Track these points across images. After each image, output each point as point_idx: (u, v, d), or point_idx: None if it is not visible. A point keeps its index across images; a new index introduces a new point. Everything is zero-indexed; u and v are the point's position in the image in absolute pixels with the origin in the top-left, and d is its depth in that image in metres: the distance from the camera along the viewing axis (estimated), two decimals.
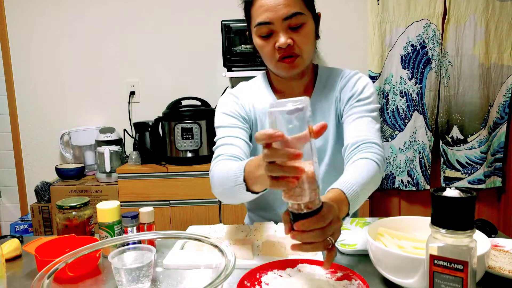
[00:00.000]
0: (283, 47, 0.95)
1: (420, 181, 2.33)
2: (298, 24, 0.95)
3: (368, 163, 0.88)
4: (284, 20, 0.94)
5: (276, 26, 0.94)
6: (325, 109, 1.08)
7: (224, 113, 1.09)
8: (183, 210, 2.04)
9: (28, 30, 2.37)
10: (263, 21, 0.95)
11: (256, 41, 1.00)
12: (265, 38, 0.98)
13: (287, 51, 0.96)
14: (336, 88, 1.08)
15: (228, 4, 2.30)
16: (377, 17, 2.25)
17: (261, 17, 0.95)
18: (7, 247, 0.92)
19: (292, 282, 0.72)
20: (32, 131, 2.44)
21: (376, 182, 0.89)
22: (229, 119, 1.07)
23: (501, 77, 2.27)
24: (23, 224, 2.26)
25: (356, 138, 0.95)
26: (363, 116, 1.00)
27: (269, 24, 0.95)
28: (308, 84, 1.10)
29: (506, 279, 0.73)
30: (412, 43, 2.25)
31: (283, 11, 0.93)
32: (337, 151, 1.06)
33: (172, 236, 0.87)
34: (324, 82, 1.10)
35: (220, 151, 1.01)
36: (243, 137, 1.04)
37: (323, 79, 1.10)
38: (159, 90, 2.40)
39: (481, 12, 2.19)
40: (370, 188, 0.85)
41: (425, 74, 2.26)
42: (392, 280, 0.70)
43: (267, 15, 0.94)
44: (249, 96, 1.12)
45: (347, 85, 1.07)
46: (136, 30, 2.37)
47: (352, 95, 1.04)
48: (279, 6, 0.93)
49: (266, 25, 0.95)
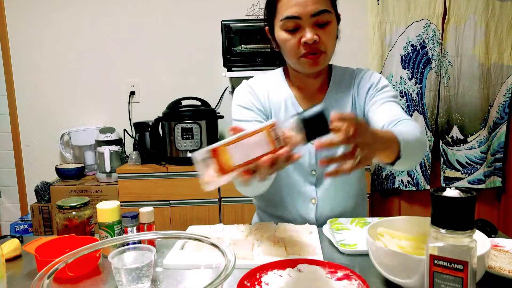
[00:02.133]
0: (309, 42, 0.96)
1: (420, 181, 2.33)
2: (324, 21, 0.97)
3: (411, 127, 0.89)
4: (312, 16, 0.95)
5: (304, 21, 0.96)
6: (340, 105, 1.10)
7: (240, 105, 1.10)
8: (183, 210, 2.04)
9: (28, 30, 2.37)
10: (291, 15, 0.96)
11: (280, 34, 1.01)
12: (290, 32, 0.99)
13: (312, 47, 0.98)
14: (352, 85, 1.11)
15: (228, 4, 2.31)
16: (377, 17, 2.25)
17: (290, 11, 0.96)
18: (7, 247, 0.92)
19: (292, 282, 0.72)
20: (32, 131, 2.44)
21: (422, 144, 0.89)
22: (246, 112, 1.08)
23: (501, 77, 2.27)
24: (23, 224, 2.26)
25: (390, 118, 0.97)
26: (388, 101, 1.04)
27: (297, 18, 0.96)
28: (323, 81, 1.12)
29: (506, 279, 0.73)
30: (412, 43, 2.25)
31: (312, 7, 0.95)
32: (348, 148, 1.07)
33: (172, 236, 0.87)
34: (339, 80, 1.12)
35: None
36: None
37: (337, 78, 1.13)
38: (159, 90, 2.40)
39: (481, 12, 2.19)
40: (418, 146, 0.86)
41: (425, 74, 2.26)
42: (392, 280, 0.70)
43: (296, 9, 0.95)
44: (264, 87, 1.13)
45: (363, 79, 1.10)
46: (136, 30, 2.37)
47: (371, 86, 1.08)
48: (308, 2, 0.95)
49: (293, 19, 0.96)
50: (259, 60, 2.08)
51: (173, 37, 2.37)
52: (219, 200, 2.03)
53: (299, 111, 1.09)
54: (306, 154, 1.09)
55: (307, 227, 1.01)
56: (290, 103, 1.10)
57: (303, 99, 1.12)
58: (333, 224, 1.03)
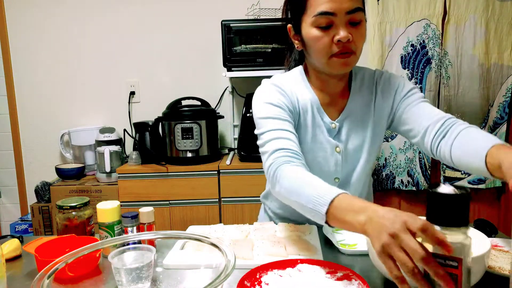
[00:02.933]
0: (343, 40, 0.90)
1: (420, 181, 2.33)
2: (357, 20, 0.93)
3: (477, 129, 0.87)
4: (347, 14, 0.90)
5: (338, 18, 0.91)
6: (364, 111, 1.05)
7: (270, 103, 1.00)
8: (183, 210, 2.04)
9: (28, 30, 2.37)
10: (326, 10, 0.90)
11: (312, 32, 0.94)
12: (323, 29, 0.92)
13: (345, 46, 0.92)
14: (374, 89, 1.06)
15: (228, 4, 2.31)
16: (377, 17, 2.25)
17: (324, 7, 0.90)
18: (7, 247, 0.92)
19: (292, 282, 0.72)
20: (32, 131, 2.44)
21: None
22: (277, 110, 0.99)
23: (501, 77, 2.27)
24: (23, 224, 2.26)
25: (433, 118, 0.94)
26: (422, 101, 1.01)
27: (331, 15, 0.90)
28: (345, 85, 1.07)
29: (506, 279, 0.73)
30: (412, 43, 2.25)
31: (347, 4, 0.90)
32: (372, 151, 1.07)
33: (172, 236, 0.87)
34: (360, 83, 1.07)
35: (277, 144, 0.92)
36: (293, 131, 0.97)
37: (358, 81, 1.07)
38: (159, 90, 2.40)
39: (481, 12, 2.19)
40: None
41: (425, 74, 2.26)
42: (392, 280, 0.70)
43: (331, 5, 0.89)
44: (290, 88, 1.05)
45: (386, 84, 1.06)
46: (136, 30, 2.37)
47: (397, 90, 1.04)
48: None
49: (328, 15, 0.90)
50: (259, 60, 2.07)
51: (173, 37, 2.37)
52: (219, 200, 2.03)
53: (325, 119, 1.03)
54: (332, 161, 1.05)
55: (307, 227, 1.01)
56: (316, 109, 1.04)
57: (327, 105, 1.05)
58: None
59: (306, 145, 1.03)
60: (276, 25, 2.05)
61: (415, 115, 0.99)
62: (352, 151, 1.05)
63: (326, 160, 1.04)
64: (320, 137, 1.04)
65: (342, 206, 0.71)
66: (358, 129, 1.05)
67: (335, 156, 1.04)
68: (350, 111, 1.05)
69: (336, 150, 1.04)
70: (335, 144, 1.04)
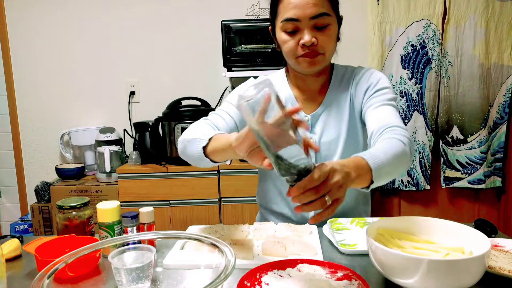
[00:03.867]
0: (307, 44, 0.98)
1: (420, 181, 2.33)
2: (323, 24, 0.98)
3: (392, 141, 0.88)
4: (310, 19, 0.97)
5: (302, 23, 0.97)
6: (340, 104, 1.10)
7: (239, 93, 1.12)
8: (183, 210, 2.04)
9: (28, 30, 2.37)
10: (290, 17, 0.98)
11: (281, 35, 1.02)
12: (290, 34, 1.00)
13: (310, 49, 0.99)
14: (351, 84, 1.11)
15: (228, 4, 2.31)
16: (377, 17, 2.25)
17: (289, 14, 0.98)
18: (7, 247, 0.92)
19: (292, 282, 0.72)
20: (32, 131, 2.44)
21: (402, 158, 0.86)
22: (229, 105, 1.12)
23: (501, 77, 2.27)
24: (23, 224, 2.26)
25: (379, 124, 0.96)
26: (383, 104, 1.03)
27: (296, 21, 0.97)
28: (325, 82, 1.13)
29: (506, 279, 0.73)
30: (412, 43, 2.25)
31: (311, 10, 0.96)
32: (349, 146, 1.09)
33: (172, 236, 0.87)
34: (340, 79, 1.13)
35: (209, 117, 1.10)
36: (236, 120, 1.09)
37: (338, 77, 1.13)
38: (159, 90, 2.40)
39: (481, 12, 2.19)
40: (396, 163, 0.84)
41: (425, 74, 2.26)
42: (392, 280, 0.70)
43: (295, 12, 0.97)
44: None
45: (362, 79, 1.10)
46: (136, 30, 2.37)
47: (368, 87, 1.07)
48: (307, 4, 0.96)
49: (292, 21, 0.98)
50: (259, 60, 2.07)
51: (173, 37, 2.37)
52: (219, 200, 2.04)
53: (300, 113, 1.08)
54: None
55: (307, 227, 1.01)
56: (290, 104, 1.11)
57: (303, 100, 1.13)
58: (333, 224, 1.03)
59: None
60: None
61: (370, 118, 1.02)
62: (327, 144, 1.09)
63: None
64: None
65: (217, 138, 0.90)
66: (335, 122, 1.10)
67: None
68: (326, 105, 1.11)
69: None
70: (308, 137, 1.09)
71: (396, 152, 0.84)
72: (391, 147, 0.85)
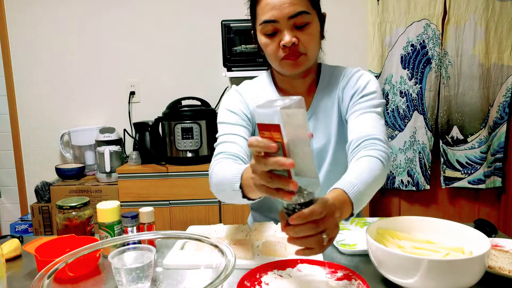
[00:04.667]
0: (287, 45, 0.95)
1: (420, 181, 2.33)
2: (303, 23, 0.95)
3: (371, 161, 0.85)
4: (289, 19, 0.94)
5: (281, 24, 0.94)
6: (328, 107, 1.07)
7: (227, 109, 1.08)
8: (183, 210, 2.04)
9: (28, 30, 2.37)
10: (268, 19, 0.95)
11: (261, 39, 1.00)
12: (270, 36, 0.97)
13: (291, 49, 0.96)
14: (338, 87, 1.07)
15: (228, 4, 2.31)
16: (377, 17, 2.25)
17: (267, 15, 0.95)
18: (7, 247, 0.92)
19: (292, 282, 0.72)
20: (32, 131, 2.44)
21: (380, 180, 0.86)
22: (232, 116, 1.07)
23: (501, 77, 2.27)
24: (23, 224, 2.26)
25: (360, 134, 0.93)
26: (367, 112, 0.99)
27: (274, 22, 0.94)
28: (312, 83, 1.09)
29: (506, 279, 0.73)
30: (412, 43, 2.26)
31: (288, 9, 0.93)
32: (339, 150, 1.06)
33: (172, 236, 0.87)
34: (327, 80, 1.09)
35: (221, 148, 1.01)
36: (244, 135, 1.04)
37: (325, 78, 1.09)
38: (159, 90, 2.40)
39: (481, 12, 2.19)
40: (374, 187, 0.83)
41: (425, 74, 2.26)
42: (392, 280, 0.70)
43: (273, 13, 0.94)
44: (252, 93, 1.11)
45: (349, 83, 1.05)
46: (136, 30, 2.37)
47: (355, 92, 1.03)
48: (284, 4, 0.93)
49: (271, 23, 0.95)
50: (259, 60, 2.07)
51: (173, 37, 2.37)
52: (219, 200, 2.03)
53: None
54: None
55: None
56: None
57: None
58: None
59: None
60: None
61: (352, 126, 0.99)
62: (317, 150, 1.07)
63: None
64: None
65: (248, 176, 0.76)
66: (324, 127, 1.07)
67: None
68: (315, 109, 1.08)
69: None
70: None
71: (375, 175, 0.82)
72: (370, 170, 0.82)
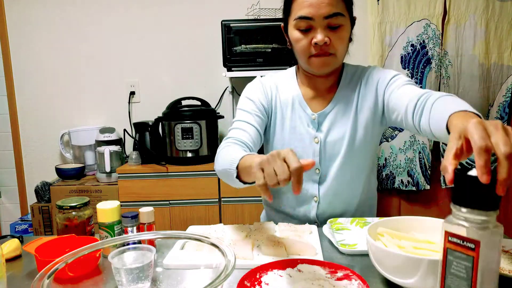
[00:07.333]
0: (319, 43, 0.98)
1: (420, 181, 2.33)
2: (336, 24, 0.99)
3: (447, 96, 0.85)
4: (324, 18, 0.97)
5: (316, 22, 0.97)
6: (348, 105, 1.10)
7: (247, 97, 1.14)
8: (183, 210, 2.04)
9: (28, 30, 2.37)
10: (304, 15, 0.97)
11: (293, 33, 1.02)
12: (303, 32, 1.00)
13: (322, 48, 0.99)
14: (360, 84, 1.11)
15: (228, 4, 2.31)
16: (377, 17, 2.25)
17: (303, 12, 0.98)
18: (7, 247, 0.92)
19: (292, 282, 0.72)
20: (32, 131, 2.44)
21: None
22: (250, 104, 1.11)
23: (501, 77, 2.27)
24: (23, 224, 2.26)
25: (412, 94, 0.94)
26: (404, 85, 1.02)
27: (309, 19, 0.97)
28: (334, 81, 1.13)
29: (506, 279, 0.73)
30: (412, 43, 2.26)
31: (325, 9, 0.96)
32: (352, 148, 1.09)
33: (172, 236, 0.87)
34: (349, 79, 1.13)
35: (232, 133, 1.07)
36: (257, 126, 1.08)
37: (348, 77, 1.13)
38: (159, 90, 2.40)
39: (481, 12, 2.19)
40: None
41: (425, 74, 2.26)
42: (392, 280, 0.70)
43: (309, 10, 0.97)
44: (274, 84, 1.15)
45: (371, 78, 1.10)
46: (136, 30, 2.37)
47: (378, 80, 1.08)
48: (322, 4, 0.96)
49: (306, 19, 0.98)
50: (259, 60, 2.07)
51: (173, 37, 2.37)
52: (219, 200, 2.03)
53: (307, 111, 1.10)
54: (310, 151, 1.10)
55: (307, 227, 1.01)
56: (298, 102, 1.12)
57: (311, 99, 1.12)
58: (333, 224, 1.03)
59: (284, 136, 1.12)
60: (276, 25, 2.05)
61: (397, 99, 1.00)
62: (332, 143, 1.09)
63: (305, 150, 1.10)
64: (300, 128, 1.11)
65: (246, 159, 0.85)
66: (341, 122, 1.09)
67: (313, 146, 1.09)
68: (334, 104, 1.10)
69: (314, 141, 1.10)
70: (314, 135, 1.09)
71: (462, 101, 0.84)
72: (456, 99, 0.84)
